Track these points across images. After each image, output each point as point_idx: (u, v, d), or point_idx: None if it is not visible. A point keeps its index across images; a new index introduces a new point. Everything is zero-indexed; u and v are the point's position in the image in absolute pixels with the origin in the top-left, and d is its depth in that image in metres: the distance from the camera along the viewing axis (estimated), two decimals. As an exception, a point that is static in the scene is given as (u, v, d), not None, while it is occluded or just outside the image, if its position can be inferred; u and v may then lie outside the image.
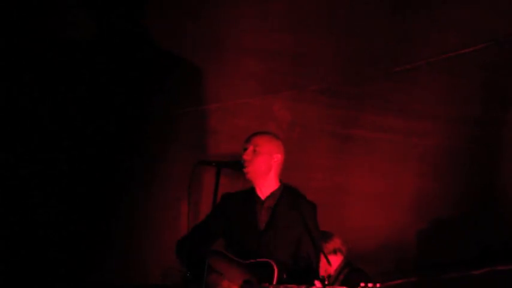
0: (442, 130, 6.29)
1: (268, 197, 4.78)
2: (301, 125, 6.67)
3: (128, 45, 6.99)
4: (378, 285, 4.13)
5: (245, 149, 4.79)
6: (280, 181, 4.83)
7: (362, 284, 4.13)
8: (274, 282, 4.45)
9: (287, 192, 4.79)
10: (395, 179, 6.38)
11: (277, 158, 4.79)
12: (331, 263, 5.65)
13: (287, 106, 6.75)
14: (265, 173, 4.78)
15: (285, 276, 4.45)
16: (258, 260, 4.55)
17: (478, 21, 6.18)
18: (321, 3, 6.66)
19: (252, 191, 4.84)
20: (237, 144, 6.64)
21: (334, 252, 5.77)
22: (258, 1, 6.79)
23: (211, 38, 6.87)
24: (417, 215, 6.29)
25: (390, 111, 6.45)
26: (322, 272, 4.77)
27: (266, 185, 4.79)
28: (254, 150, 4.76)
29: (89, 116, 7.01)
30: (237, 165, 4.81)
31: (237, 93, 6.85)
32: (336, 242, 5.77)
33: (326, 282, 4.29)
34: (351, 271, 5.79)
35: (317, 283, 4.30)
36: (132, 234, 6.92)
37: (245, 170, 4.76)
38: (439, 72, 6.32)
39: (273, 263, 4.49)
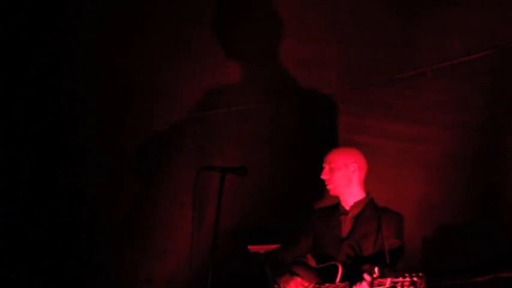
0: (446, 136, 6.27)
1: (352, 207, 4.84)
2: (306, 131, 6.66)
3: (132, 49, 6.99)
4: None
5: (323, 169, 4.86)
6: (368, 193, 4.87)
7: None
8: (337, 281, 4.57)
9: (373, 203, 4.83)
10: (400, 186, 6.36)
11: (354, 167, 4.88)
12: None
13: (292, 112, 6.74)
14: (347, 185, 4.86)
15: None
16: (327, 263, 4.63)
17: (483, 28, 6.17)
18: (325, 8, 6.66)
19: (337, 205, 4.90)
20: (242, 150, 6.69)
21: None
22: (263, 6, 6.79)
23: (216, 43, 6.87)
24: (421, 221, 6.26)
25: (394, 117, 6.44)
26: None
27: (351, 196, 4.88)
28: (330, 169, 4.84)
29: (94, 119, 7.01)
30: (241, 171, 4.82)
31: (242, 98, 6.85)
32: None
33: (375, 275, 4.30)
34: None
35: (366, 276, 4.33)
36: (136, 240, 6.91)
37: (328, 188, 4.86)
38: (443, 78, 6.31)
39: (338, 264, 4.60)
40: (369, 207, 4.83)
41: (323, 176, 4.88)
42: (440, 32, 6.32)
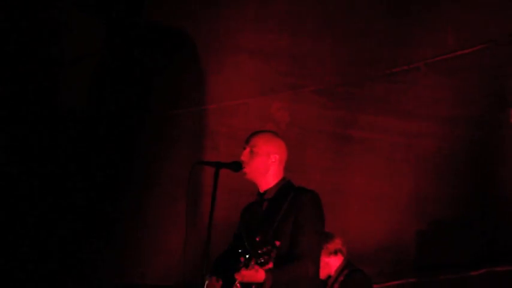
0: (440, 131, 6.29)
1: (266, 192, 4.70)
2: (299, 126, 6.67)
3: (126, 45, 7.00)
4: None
5: (243, 149, 4.73)
6: (284, 177, 4.75)
7: None
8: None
9: (287, 186, 4.71)
10: (394, 180, 6.37)
11: (275, 158, 4.68)
12: (332, 264, 5.64)
13: (285, 107, 6.75)
14: (264, 173, 4.69)
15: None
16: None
17: (476, 22, 6.20)
18: (319, 4, 6.68)
19: (256, 193, 4.80)
20: (236, 145, 6.67)
21: (335, 253, 5.72)
22: (257, 2, 6.80)
23: (209, 39, 6.88)
24: (415, 216, 6.28)
25: (388, 112, 6.46)
26: (321, 275, 4.78)
27: (265, 183, 4.72)
28: (251, 151, 4.68)
29: (88, 116, 7.02)
30: (235, 166, 4.78)
31: (235, 93, 6.86)
32: (336, 243, 5.72)
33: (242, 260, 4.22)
34: (350, 272, 5.77)
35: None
36: (130, 235, 6.92)
37: (243, 171, 4.70)
38: (437, 73, 6.33)
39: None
40: (282, 190, 4.69)
41: (242, 158, 4.72)
42: (434, 27, 6.34)
